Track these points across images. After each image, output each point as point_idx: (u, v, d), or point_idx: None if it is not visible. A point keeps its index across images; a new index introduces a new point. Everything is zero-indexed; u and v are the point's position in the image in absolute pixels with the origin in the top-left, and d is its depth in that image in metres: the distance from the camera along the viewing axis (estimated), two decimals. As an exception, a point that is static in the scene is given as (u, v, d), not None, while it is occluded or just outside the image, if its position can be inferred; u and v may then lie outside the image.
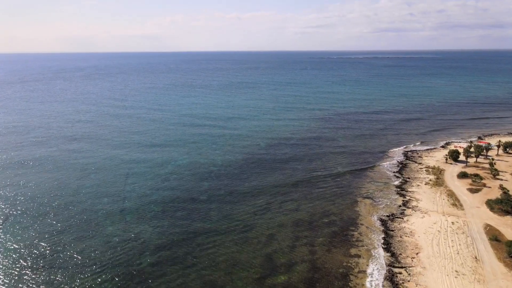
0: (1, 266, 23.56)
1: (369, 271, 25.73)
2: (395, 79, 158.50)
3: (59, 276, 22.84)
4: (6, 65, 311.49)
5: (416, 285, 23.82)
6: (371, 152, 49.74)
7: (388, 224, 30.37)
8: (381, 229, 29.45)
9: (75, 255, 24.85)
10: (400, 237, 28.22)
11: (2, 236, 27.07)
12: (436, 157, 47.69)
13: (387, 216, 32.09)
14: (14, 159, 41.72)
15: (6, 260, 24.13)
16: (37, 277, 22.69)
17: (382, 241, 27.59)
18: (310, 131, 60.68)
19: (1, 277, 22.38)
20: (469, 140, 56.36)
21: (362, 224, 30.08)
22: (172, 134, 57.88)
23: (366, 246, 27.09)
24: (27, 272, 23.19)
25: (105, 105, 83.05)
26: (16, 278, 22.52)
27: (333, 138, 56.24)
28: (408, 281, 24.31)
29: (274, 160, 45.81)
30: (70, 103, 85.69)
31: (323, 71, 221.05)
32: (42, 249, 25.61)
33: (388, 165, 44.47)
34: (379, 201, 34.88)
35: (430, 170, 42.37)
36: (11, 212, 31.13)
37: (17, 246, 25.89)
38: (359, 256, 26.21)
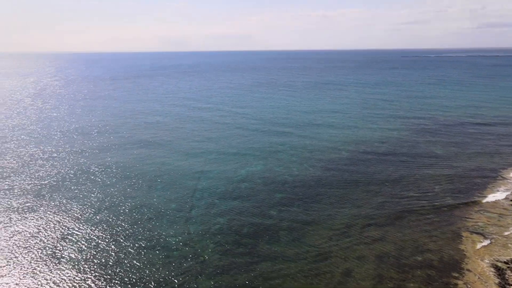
0: (62, 268, 22.96)
1: None
2: (509, 82, 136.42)
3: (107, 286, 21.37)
4: (109, 63, 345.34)
5: None
6: (481, 173, 40.34)
7: (507, 275, 23.34)
8: (496, 282, 22.67)
9: (132, 269, 23.24)
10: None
11: (68, 237, 26.77)
12: None
13: (505, 262, 24.54)
14: (84, 161, 42.48)
15: (65, 264, 23.41)
16: (81, 283, 21.43)
17: (499, 301, 20.87)
18: (401, 142, 52.51)
19: (59, 277, 21.59)
20: None
21: (468, 270, 23.61)
22: (248, 140, 54.59)
23: (476, 305, 20.91)
24: (75, 276, 22.00)
25: (187, 106, 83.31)
26: (57, 281, 21.46)
27: (430, 153, 47.51)
28: None
29: (357, 175, 39.94)
30: (153, 103, 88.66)
31: (417, 71, 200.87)
32: (104, 255, 24.53)
33: (503, 191, 35.87)
34: (492, 238, 27.45)
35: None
36: (76, 214, 31.12)
37: (78, 249, 25.27)
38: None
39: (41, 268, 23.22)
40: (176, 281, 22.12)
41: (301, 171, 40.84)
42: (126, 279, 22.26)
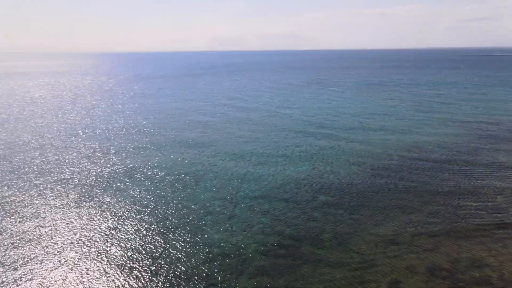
0: (110, 257, 24.07)
1: None
2: None
3: (146, 278, 22.01)
4: (162, 62, 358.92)
5: None
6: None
7: None
8: None
9: (177, 262, 23.80)
10: None
11: (118, 227, 28.02)
12: None
13: None
14: (127, 164, 44.18)
15: (109, 258, 24.49)
16: (118, 275, 22.23)
17: None
18: (460, 148, 48.82)
19: (89, 272, 22.67)
20: None
21: (533, 291, 21.39)
22: (295, 141, 53.07)
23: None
24: (110, 270, 22.86)
25: (234, 106, 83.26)
26: (95, 277, 22.41)
27: (493, 161, 43.32)
28: None
29: (409, 181, 37.78)
30: (200, 102, 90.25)
31: (483, 71, 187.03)
32: (150, 247, 25.43)
33: None
34: (562, 257, 24.65)
35: None
36: (126, 206, 32.46)
37: (126, 239, 26.36)
38: None
39: (89, 258, 24.52)
40: (217, 277, 22.30)
41: (348, 174, 39.55)
42: (170, 271, 22.83)
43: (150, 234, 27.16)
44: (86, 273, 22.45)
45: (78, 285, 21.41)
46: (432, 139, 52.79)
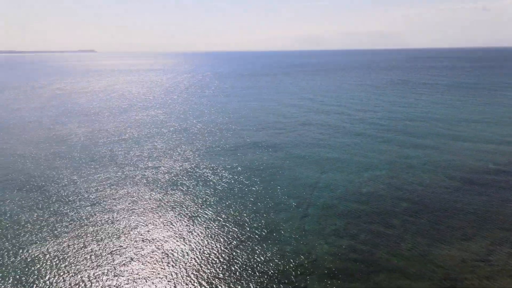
0: (187, 247, 25.37)
1: None
2: None
3: (216, 277, 22.72)
4: (240, 61, 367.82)
5: None
6: None
7: None
8: None
9: (250, 257, 24.29)
10: None
11: (197, 218, 29.39)
12: None
13: None
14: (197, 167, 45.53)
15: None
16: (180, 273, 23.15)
17: None
18: None
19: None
20: None
21: None
22: (374, 147, 49.60)
23: None
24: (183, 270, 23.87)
25: (308, 107, 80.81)
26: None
27: None
28: None
29: (508, 192, 33.60)
30: (273, 102, 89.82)
31: None
32: (225, 240, 26.30)
33: None
34: None
35: None
36: (204, 200, 33.89)
37: (204, 229, 27.55)
38: None
39: (170, 240, 26.19)
40: (287, 275, 22.24)
41: (434, 180, 36.50)
42: (244, 263, 23.38)
43: (227, 224, 28.15)
44: (171, 252, 24.11)
45: (163, 259, 23.10)
46: (540, 149, 46.08)
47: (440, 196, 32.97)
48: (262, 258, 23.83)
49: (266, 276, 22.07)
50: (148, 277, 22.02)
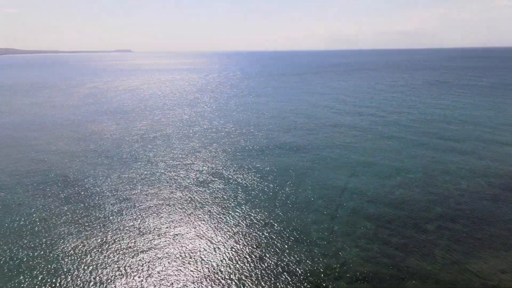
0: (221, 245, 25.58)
1: None
2: None
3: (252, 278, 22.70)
4: (269, 61, 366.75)
5: None
6: None
7: None
8: None
9: (279, 256, 24.22)
10: None
11: (228, 218, 29.58)
12: None
13: None
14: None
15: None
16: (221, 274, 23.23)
17: None
18: None
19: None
20: None
21: None
22: (408, 152, 48.07)
23: None
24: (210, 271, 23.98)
25: (338, 109, 78.23)
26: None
27: None
28: None
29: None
30: (301, 102, 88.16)
31: None
32: (255, 238, 26.34)
33: None
34: None
35: None
36: (233, 198, 34.04)
37: (234, 229, 27.73)
38: None
39: (202, 233, 26.52)
40: (316, 277, 21.96)
41: (471, 186, 34.87)
42: (273, 262, 23.32)
43: (256, 224, 28.17)
44: (200, 250, 24.45)
45: (191, 258, 23.47)
46: None
47: (478, 202, 31.46)
48: (290, 258, 23.66)
49: (294, 277, 21.88)
50: (177, 275, 22.40)
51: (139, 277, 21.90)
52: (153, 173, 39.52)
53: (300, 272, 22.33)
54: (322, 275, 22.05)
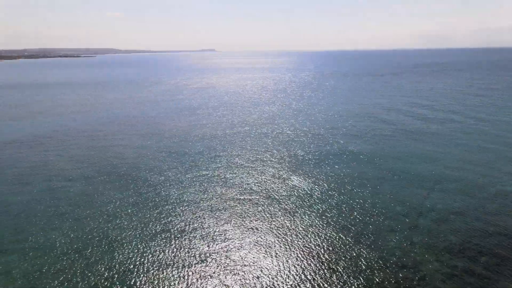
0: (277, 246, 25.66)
1: None
2: None
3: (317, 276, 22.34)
4: (354, 61, 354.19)
5: None
6: None
7: None
8: None
9: (352, 259, 23.54)
10: None
11: (299, 216, 29.48)
12: None
13: None
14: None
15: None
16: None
17: None
18: None
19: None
20: None
21: None
22: (499, 165, 43.25)
23: None
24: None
25: (420, 114, 70.63)
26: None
27: None
28: None
29: None
30: (378, 107, 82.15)
31: None
32: (328, 238, 25.99)
33: None
34: None
35: None
36: (310, 198, 33.69)
37: (307, 230, 27.61)
38: None
39: (271, 233, 26.87)
40: (391, 287, 20.92)
41: None
42: (345, 269, 22.77)
43: (331, 227, 27.73)
44: (273, 247, 24.91)
45: (266, 256, 24.03)
46: None
47: None
48: (365, 264, 22.87)
49: (368, 285, 21.10)
50: (252, 266, 23.06)
51: (216, 265, 23.02)
52: (216, 174, 40.96)
53: (375, 280, 21.44)
54: (399, 286, 20.90)
